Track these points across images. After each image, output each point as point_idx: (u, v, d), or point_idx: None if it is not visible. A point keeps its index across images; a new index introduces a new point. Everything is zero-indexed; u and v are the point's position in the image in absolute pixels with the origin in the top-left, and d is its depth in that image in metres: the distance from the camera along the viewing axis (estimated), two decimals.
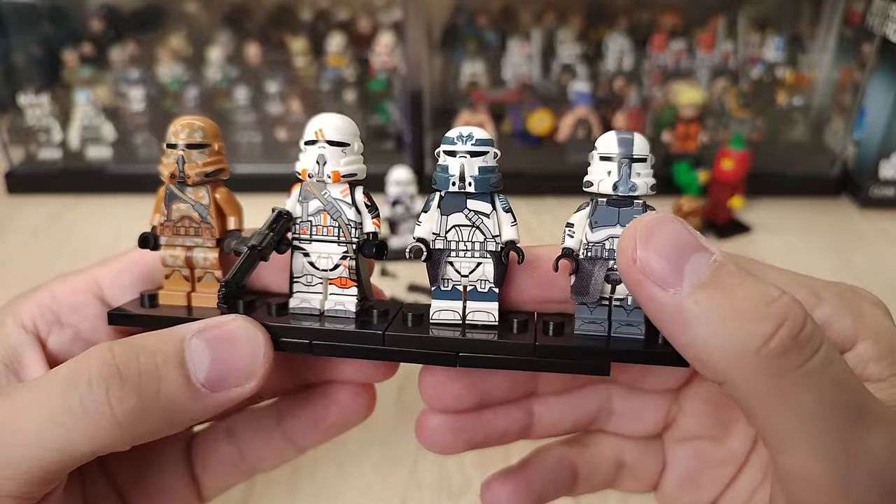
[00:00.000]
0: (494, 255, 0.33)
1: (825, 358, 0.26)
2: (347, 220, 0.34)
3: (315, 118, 0.34)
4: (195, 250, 0.36)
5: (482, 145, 0.32)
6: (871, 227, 0.93)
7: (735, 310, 0.26)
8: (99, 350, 0.29)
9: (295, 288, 0.35)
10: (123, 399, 0.28)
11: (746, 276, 0.27)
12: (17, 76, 1.04)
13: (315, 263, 0.34)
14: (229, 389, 0.31)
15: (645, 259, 0.27)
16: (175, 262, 0.36)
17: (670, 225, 0.27)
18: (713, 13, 1.08)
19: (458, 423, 0.37)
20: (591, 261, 0.32)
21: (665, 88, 1.04)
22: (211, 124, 0.35)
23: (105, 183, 1.01)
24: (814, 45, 1.06)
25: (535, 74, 1.09)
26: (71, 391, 0.27)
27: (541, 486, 0.39)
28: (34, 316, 0.34)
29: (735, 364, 0.26)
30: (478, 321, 0.34)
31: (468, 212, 0.33)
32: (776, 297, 0.26)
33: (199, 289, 0.36)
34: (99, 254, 0.38)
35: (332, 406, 0.39)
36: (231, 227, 0.36)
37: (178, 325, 0.31)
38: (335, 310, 0.34)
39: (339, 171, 0.33)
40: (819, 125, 1.06)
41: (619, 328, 0.33)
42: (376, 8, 1.13)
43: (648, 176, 0.32)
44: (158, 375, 0.29)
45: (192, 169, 0.34)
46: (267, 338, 0.32)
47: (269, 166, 1.02)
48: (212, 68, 1.08)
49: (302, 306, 0.35)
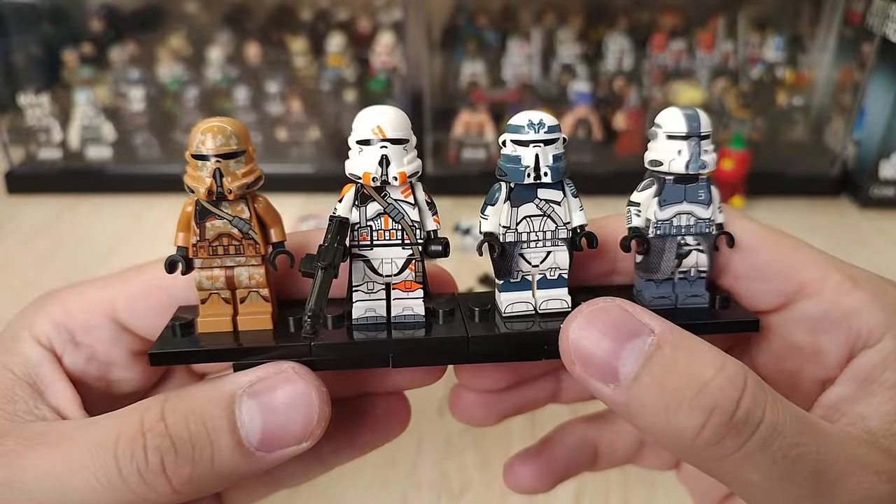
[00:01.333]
0: (567, 241, 0.32)
1: (767, 435, 0.25)
2: (411, 221, 0.32)
3: (367, 113, 0.31)
4: (237, 269, 0.32)
5: (553, 132, 0.31)
6: (871, 227, 0.93)
7: (666, 404, 0.26)
8: (150, 416, 0.28)
9: (355, 297, 0.32)
10: (179, 470, 0.27)
11: (681, 357, 0.27)
12: (17, 76, 1.04)
13: (377, 269, 0.32)
14: (284, 449, 0.29)
15: (580, 346, 0.28)
16: (214, 285, 0.32)
17: (608, 315, 0.28)
18: (713, 13, 1.08)
19: (492, 398, 0.37)
20: (662, 238, 0.33)
21: (665, 88, 1.04)
22: (241, 126, 0.31)
23: (105, 183, 1.01)
24: (814, 45, 1.06)
25: (535, 74, 1.09)
26: (128, 462, 0.27)
27: (562, 464, 0.39)
28: (48, 332, 0.33)
29: (678, 451, 0.27)
30: (552, 309, 0.33)
31: (539, 201, 0.32)
32: (708, 380, 0.26)
33: (244, 310, 0.32)
34: (99, 254, 0.38)
35: (367, 424, 0.38)
36: (274, 239, 0.32)
37: (224, 378, 0.30)
38: (404, 315, 0.32)
39: (406, 172, 0.30)
40: (819, 125, 1.06)
41: (685, 299, 0.33)
42: (376, 8, 1.13)
43: (713, 152, 0.32)
44: (210, 442, 0.28)
45: (233, 182, 0.30)
46: (321, 394, 0.30)
47: (270, 166, 1.02)
48: (212, 68, 1.08)
49: (367, 315, 0.32)
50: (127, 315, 0.34)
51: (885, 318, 0.30)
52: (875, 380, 0.29)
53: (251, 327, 0.32)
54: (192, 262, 0.32)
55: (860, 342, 0.30)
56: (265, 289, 0.32)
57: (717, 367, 0.26)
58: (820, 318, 0.31)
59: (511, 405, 0.38)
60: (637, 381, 0.26)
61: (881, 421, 0.28)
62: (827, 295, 0.31)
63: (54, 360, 0.33)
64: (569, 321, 0.28)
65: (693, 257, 0.33)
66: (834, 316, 0.31)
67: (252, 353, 0.31)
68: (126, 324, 0.34)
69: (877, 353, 0.30)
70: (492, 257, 0.32)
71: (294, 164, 1.03)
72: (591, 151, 1.01)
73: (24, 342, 0.33)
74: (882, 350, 0.30)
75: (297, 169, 1.02)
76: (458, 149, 1.00)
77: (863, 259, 0.84)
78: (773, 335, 0.34)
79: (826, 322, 0.31)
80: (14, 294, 0.36)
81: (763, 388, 0.26)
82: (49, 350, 0.33)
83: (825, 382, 0.32)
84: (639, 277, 0.34)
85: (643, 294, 0.33)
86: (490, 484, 0.55)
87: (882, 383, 0.29)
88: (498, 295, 0.33)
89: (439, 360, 0.33)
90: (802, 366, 0.33)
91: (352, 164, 0.31)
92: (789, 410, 0.26)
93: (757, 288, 0.33)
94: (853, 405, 0.30)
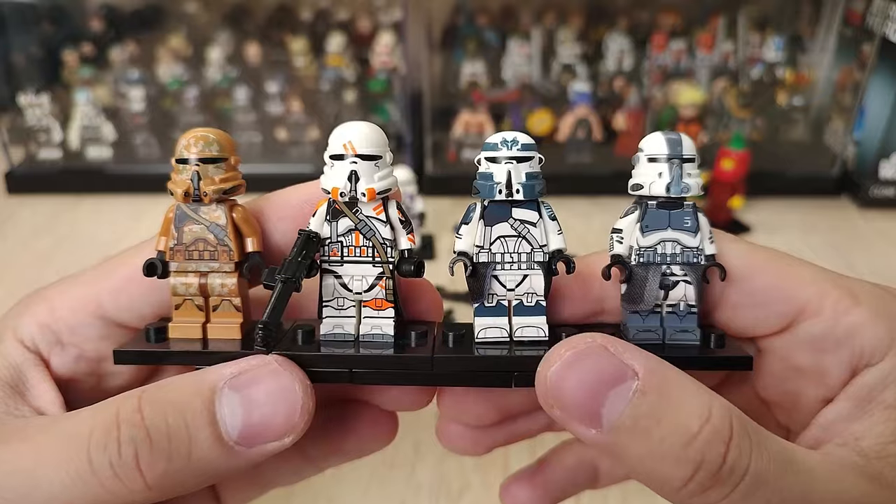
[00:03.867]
0: (543, 265, 0.31)
1: (751, 484, 0.25)
2: (382, 238, 0.31)
3: (340, 129, 0.31)
4: (210, 276, 0.32)
5: (527, 150, 0.30)
6: (871, 227, 0.93)
7: (651, 451, 0.26)
8: (126, 406, 0.27)
9: (325, 313, 0.32)
10: (153, 464, 0.26)
11: (668, 407, 0.26)
12: (17, 76, 1.04)
13: (347, 285, 0.32)
14: (265, 445, 0.28)
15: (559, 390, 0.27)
16: (188, 291, 0.32)
17: (588, 359, 0.27)
18: (713, 13, 1.07)
19: (480, 432, 0.36)
20: (645, 267, 0.31)
21: (665, 88, 1.04)
22: (226, 136, 0.31)
23: (105, 183, 1.01)
24: (814, 45, 1.06)
25: (535, 74, 1.09)
26: (100, 453, 0.26)
27: (561, 485, 0.38)
28: (34, 334, 0.32)
29: (661, 494, 0.27)
30: (527, 337, 0.31)
31: (514, 221, 0.31)
32: (695, 432, 0.25)
33: (215, 318, 0.32)
34: (99, 254, 0.37)
35: (353, 431, 0.37)
36: (249, 248, 0.32)
37: (207, 370, 0.29)
38: (372, 334, 0.32)
39: (375, 188, 0.30)
40: (819, 125, 1.06)
41: (674, 335, 0.32)
42: (376, 8, 1.13)
43: (698, 176, 0.31)
44: (189, 436, 0.27)
45: (209, 185, 0.31)
46: (305, 388, 0.29)
47: (269, 166, 1.02)
48: (212, 68, 1.08)
49: (334, 332, 0.32)
50: (113, 309, 0.33)
51: (887, 334, 0.29)
52: (873, 399, 0.29)
53: (220, 336, 0.32)
54: (169, 265, 0.32)
55: (863, 360, 0.30)
56: (237, 298, 0.32)
57: (704, 417, 0.26)
58: (821, 339, 0.31)
59: (501, 436, 0.37)
60: (620, 427, 0.26)
61: (874, 441, 0.28)
62: (827, 314, 0.30)
63: (39, 362, 0.32)
64: (547, 363, 0.27)
65: (681, 289, 0.31)
66: (836, 335, 0.30)
67: (213, 359, 0.30)
68: (113, 318, 0.33)
69: (878, 372, 0.29)
70: (465, 276, 0.32)
71: (294, 164, 1.03)
72: (591, 151, 1.01)
73: (7, 345, 0.32)
74: (883, 369, 0.29)
75: (296, 169, 1.02)
76: (458, 149, 1.00)
77: (862, 259, 0.84)
78: (775, 358, 0.33)
79: (828, 342, 0.30)
80: (14, 294, 0.36)
81: (748, 435, 0.26)
82: (34, 353, 0.32)
83: (826, 401, 0.31)
84: (624, 310, 0.32)
85: (628, 328, 0.32)
86: (488, 486, 0.55)
87: (880, 403, 0.29)
88: (473, 320, 0.32)
89: (402, 379, 0.32)
90: (804, 386, 0.32)
91: (324, 178, 0.31)
92: (774, 454, 0.26)
93: (756, 314, 0.32)
94: (849, 424, 0.29)
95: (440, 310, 0.35)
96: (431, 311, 0.35)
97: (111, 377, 0.35)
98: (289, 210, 0.33)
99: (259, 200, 0.34)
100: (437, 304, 0.35)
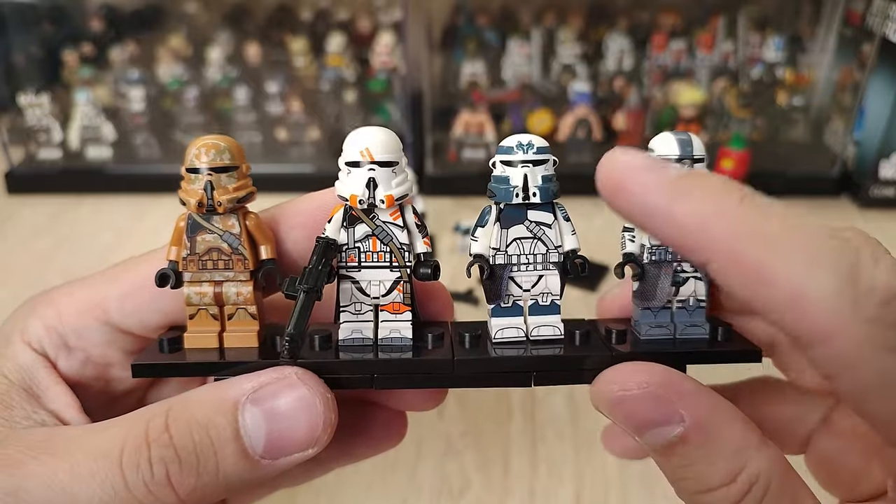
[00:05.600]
0: (558, 265, 0.32)
1: None
2: (400, 243, 0.32)
3: (355, 135, 0.31)
4: (225, 285, 0.32)
5: (543, 153, 0.31)
6: (871, 227, 0.93)
7: (673, 482, 0.28)
8: (155, 426, 0.28)
9: (342, 318, 0.32)
10: (184, 481, 0.27)
11: (700, 457, 0.27)
12: (17, 76, 1.04)
13: (365, 290, 0.32)
14: (290, 456, 0.29)
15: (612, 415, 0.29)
16: (202, 300, 0.32)
17: (637, 402, 0.28)
18: (713, 13, 1.08)
19: None
20: (657, 264, 0.32)
21: (665, 88, 1.04)
22: (235, 143, 0.31)
23: (105, 183, 1.01)
24: (814, 45, 1.06)
25: (535, 74, 1.09)
26: (133, 472, 0.27)
27: None
28: (41, 337, 0.33)
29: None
30: (543, 336, 0.32)
31: (529, 223, 0.32)
32: (712, 488, 0.27)
33: (231, 327, 0.32)
34: (99, 254, 0.37)
35: (363, 434, 0.38)
36: (264, 256, 0.32)
37: (228, 383, 0.29)
38: (391, 338, 0.32)
39: (393, 195, 0.30)
40: (819, 125, 1.06)
41: (684, 329, 0.33)
42: (376, 8, 1.13)
43: None
44: (215, 452, 0.28)
45: (223, 195, 0.30)
46: (327, 402, 0.29)
47: (270, 166, 1.02)
48: (212, 68, 1.08)
49: (353, 337, 0.32)
50: (119, 315, 0.33)
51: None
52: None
53: (237, 344, 0.32)
54: (182, 275, 0.32)
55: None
56: (253, 306, 0.32)
57: (726, 480, 0.26)
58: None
59: None
60: (653, 452, 0.28)
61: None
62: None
63: (48, 365, 0.32)
64: (600, 394, 0.29)
65: (691, 285, 0.33)
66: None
67: (234, 369, 0.30)
68: (119, 324, 0.33)
69: None
70: (481, 279, 0.32)
71: (294, 164, 1.03)
72: (591, 151, 1.01)
73: (16, 347, 0.32)
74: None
75: (296, 169, 1.02)
76: (458, 149, 1.00)
77: None
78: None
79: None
80: (14, 294, 0.36)
81: (776, 496, 0.26)
82: (42, 355, 0.32)
83: None
84: (636, 306, 0.33)
85: (640, 324, 0.33)
86: (490, 485, 0.55)
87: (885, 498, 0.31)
88: (489, 320, 0.33)
89: (424, 382, 0.32)
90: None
91: (340, 185, 0.31)
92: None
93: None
94: None
95: (452, 310, 0.36)
96: (445, 311, 0.35)
97: (118, 382, 0.35)
98: (301, 218, 0.33)
99: (271, 209, 0.34)
100: (450, 304, 0.36)
